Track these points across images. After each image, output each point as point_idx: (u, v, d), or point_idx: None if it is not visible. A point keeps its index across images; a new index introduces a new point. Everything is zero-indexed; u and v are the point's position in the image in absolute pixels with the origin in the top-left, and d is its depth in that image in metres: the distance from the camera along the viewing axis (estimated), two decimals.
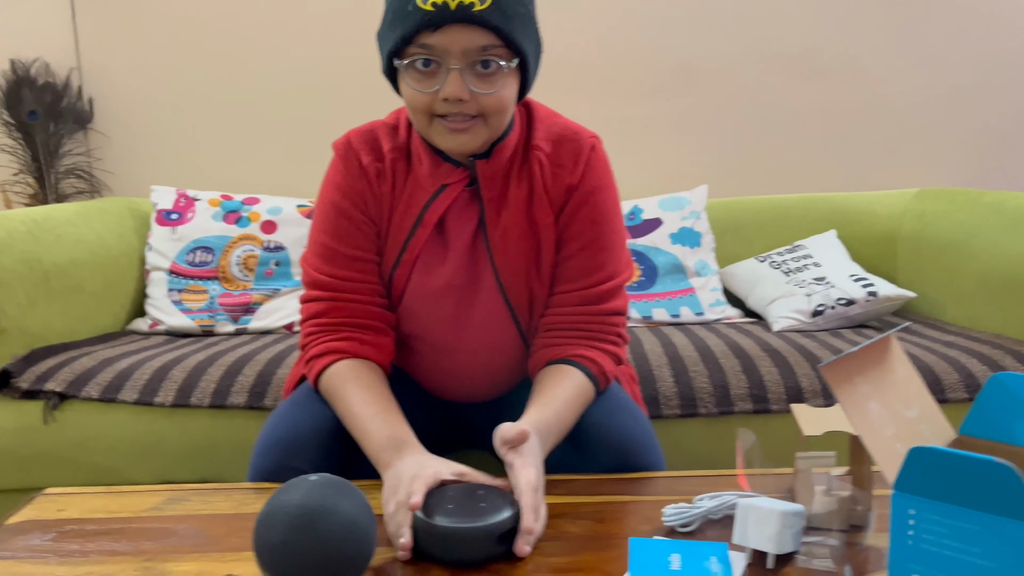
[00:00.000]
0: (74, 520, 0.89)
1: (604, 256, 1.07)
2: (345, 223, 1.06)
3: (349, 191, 1.06)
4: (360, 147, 1.07)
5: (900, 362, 0.80)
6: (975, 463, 0.60)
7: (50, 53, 2.40)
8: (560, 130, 1.07)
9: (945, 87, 2.40)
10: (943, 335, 1.67)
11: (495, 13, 0.91)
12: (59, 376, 1.49)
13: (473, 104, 0.94)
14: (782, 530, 0.74)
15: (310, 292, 1.08)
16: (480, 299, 1.08)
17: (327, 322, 1.06)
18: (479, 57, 0.93)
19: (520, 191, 1.05)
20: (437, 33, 0.91)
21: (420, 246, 1.06)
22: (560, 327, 1.07)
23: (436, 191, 1.04)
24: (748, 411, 1.42)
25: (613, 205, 1.09)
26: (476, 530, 0.76)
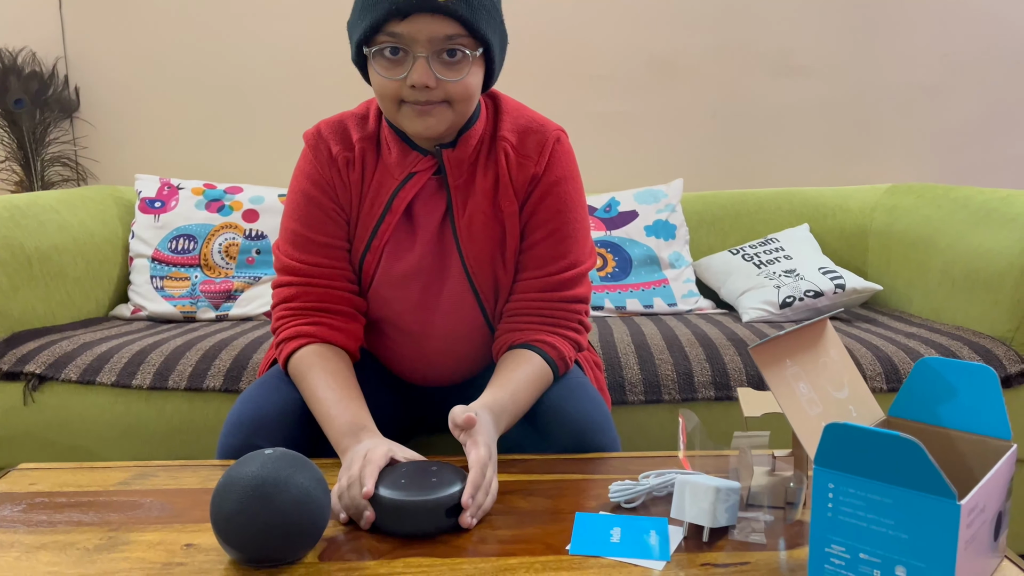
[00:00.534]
0: (44, 493, 0.92)
1: (567, 245, 1.10)
2: (315, 211, 1.10)
3: (319, 179, 1.10)
4: (330, 136, 1.10)
5: (834, 345, 0.84)
6: (884, 439, 0.63)
7: (37, 42, 2.42)
8: (526, 122, 1.11)
9: (916, 85, 2.44)
10: (906, 327, 1.71)
11: (460, 4, 0.94)
12: (39, 358, 1.52)
13: (439, 91, 0.98)
14: (716, 505, 0.78)
15: (281, 278, 1.12)
16: (447, 285, 1.12)
17: (297, 306, 1.09)
18: (445, 46, 0.96)
19: (486, 180, 1.09)
20: (404, 22, 0.94)
21: (389, 232, 1.09)
22: (523, 312, 1.11)
23: (404, 179, 1.08)
24: (711, 398, 1.46)
25: (577, 196, 1.12)
26: (425, 503, 0.80)
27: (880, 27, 2.42)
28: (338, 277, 1.11)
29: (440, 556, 0.76)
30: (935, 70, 2.44)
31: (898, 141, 2.47)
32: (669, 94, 2.45)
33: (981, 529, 0.66)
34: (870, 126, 2.47)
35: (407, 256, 1.11)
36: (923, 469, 0.62)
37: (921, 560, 0.63)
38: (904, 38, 2.42)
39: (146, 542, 0.80)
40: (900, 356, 1.49)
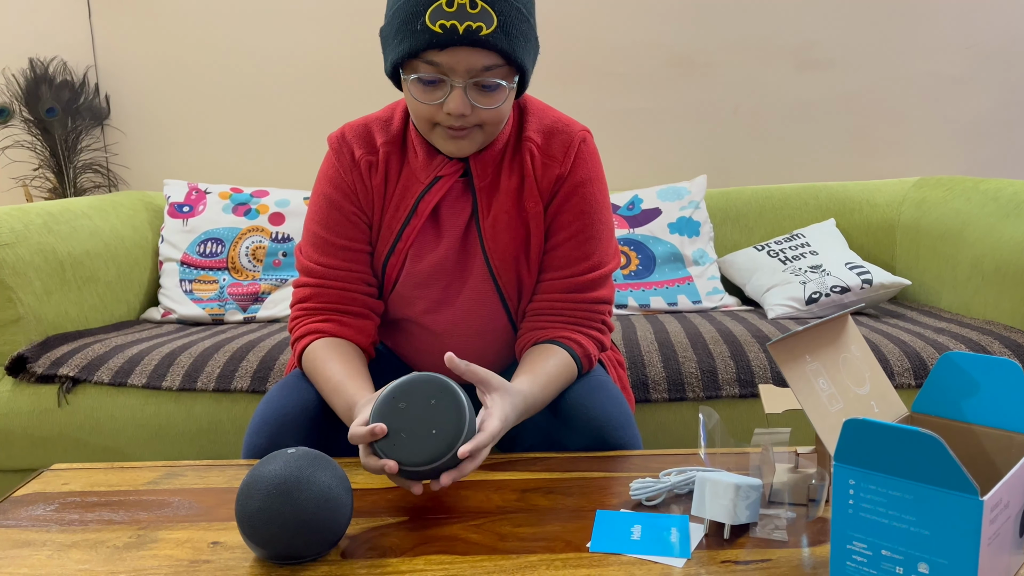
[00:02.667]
0: (76, 493, 0.95)
1: (591, 246, 1.11)
2: (336, 214, 1.11)
3: (340, 183, 1.11)
4: (353, 140, 1.11)
5: (855, 341, 0.83)
6: (905, 434, 0.63)
7: (68, 52, 2.48)
8: (551, 123, 1.11)
9: (942, 76, 2.41)
10: (936, 322, 1.69)
11: (500, 36, 0.94)
12: (72, 361, 1.55)
13: (474, 116, 0.99)
14: (737, 502, 0.78)
15: (300, 279, 1.14)
16: (470, 284, 1.13)
17: (311, 306, 1.11)
18: (482, 76, 0.97)
19: (511, 181, 1.09)
20: (443, 53, 0.95)
21: (414, 235, 1.10)
22: (546, 312, 1.12)
23: (430, 183, 1.09)
24: (735, 395, 1.45)
25: (602, 196, 1.12)
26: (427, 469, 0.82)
27: (904, 18, 2.38)
28: (354, 280, 1.12)
29: (461, 553, 0.77)
30: (961, 61, 2.40)
31: (924, 134, 2.44)
32: (691, 90, 2.44)
33: (1005, 526, 0.65)
34: (896, 119, 2.43)
35: (431, 256, 1.12)
36: (945, 465, 0.61)
37: (944, 557, 0.62)
38: (928, 29, 2.39)
39: (174, 540, 0.81)
40: (929, 351, 1.47)
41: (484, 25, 0.93)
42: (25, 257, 1.65)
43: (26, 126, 2.43)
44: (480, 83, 0.97)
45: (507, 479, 0.94)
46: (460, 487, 0.92)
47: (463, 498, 0.89)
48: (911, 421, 0.81)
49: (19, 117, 2.43)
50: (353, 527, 0.83)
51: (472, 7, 0.92)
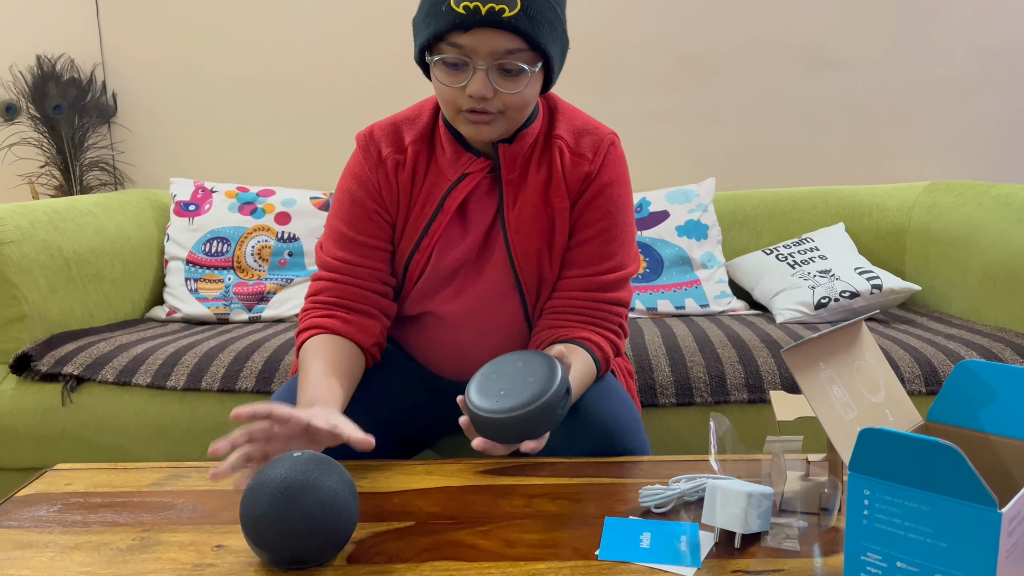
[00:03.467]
0: (79, 493, 0.94)
1: (614, 247, 1.11)
2: (357, 211, 1.11)
3: (365, 181, 1.12)
4: (381, 139, 1.12)
5: (869, 348, 0.82)
6: (922, 444, 0.62)
7: (75, 49, 2.47)
8: (581, 124, 1.13)
9: (954, 80, 2.39)
10: (946, 328, 1.68)
11: (523, 20, 0.95)
12: (77, 360, 1.54)
13: (496, 101, 1.00)
14: (748, 510, 0.76)
15: (318, 273, 1.14)
16: (491, 276, 1.13)
17: (322, 300, 1.11)
18: (505, 59, 0.97)
19: (539, 176, 1.10)
20: (467, 34, 0.96)
21: (440, 231, 1.11)
22: (564, 310, 1.11)
23: (457, 179, 1.09)
24: (743, 400, 1.44)
25: (626, 200, 1.13)
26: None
27: (915, 20, 2.37)
28: (369, 277, 1.11)
29: (468, 560, 0.76)
30: (973, 64, 2.38)
31: (936, 138, 2.42)
32: (700, 92, 2.42)
33: (1023, 539, 0.64)
34: (906, 122, 2.42)
35: (455, 250, 1.12)
36: (962, 476, 0.60)
37: (960, 570, 0.61)
38: (940, 31, 2.37)
39: (177, 543, 0.80)
40: (940, 358, 1.46)
41: (507, 7, 0.94)
42: (30, 254, 1.65)
43: (33, 123, 2.42)
44: (503, 66, 0.98)
45: (514, 484, 0.93)
46: (467, 492, 0.91)
47: (470, 504, 0.88)
48: (926, 430, 0.80)
49: (26, 114, 2.43)
50: (359, 532, 0.82)
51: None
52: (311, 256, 2.05)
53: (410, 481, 0.95)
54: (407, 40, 2.42)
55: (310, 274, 2.03)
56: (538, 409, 0.84)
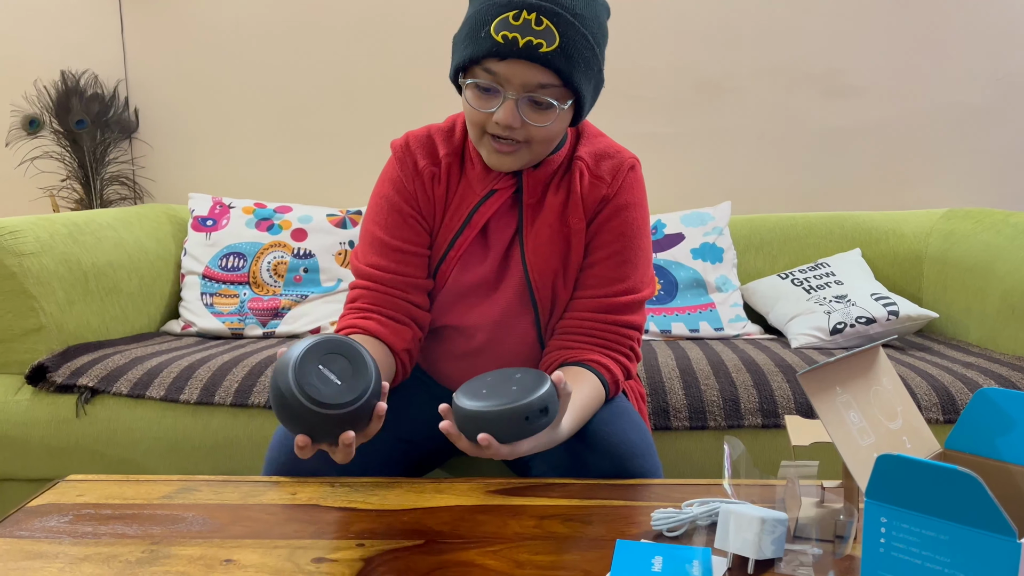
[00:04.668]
0: (91, 505, 0.94)
1: (627, 269, 1.11)
2: (395, 216, 1.12)
3: (402, 188, 1.12)
4: (417, 149, 1.13)
5: (886, 373, 0.81)
6: (940, 472, 0.61)
7: (99, 65, 2.51)
8: (604, 147, 1.13)
9: (972, 107, 2.38)
10: (964, 356, 1.66)
11: (559, 56, 0.95)
12: (92, 372, 1.55)
13: (523, 131, 1.00)
14: (762, 536, 0.75)
15: (354, 281, 1.15)
16: (508, 296, 1.13)
17: (357, 306, 1.12)
18: (536, 92, 0.98)
19: (557, 197, 1.11)
20: (502, 63, 0.96)
21: (466, 245, 1.12)
22: (576, 331, 1.11)
23: (485, 195, 1.10)
24: (757, 425, 1.42)
25: (643, 224, 1.13)
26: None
27: (933, 48, 2.36)
28: (403, 285, 1.11)
29: None
30: (991, 91, 2.37)
31: (953, 165, 2.41)
32: (716, 115, 2.43)
33: None
34: (924, 149, 2.41)
35: (477, 269, 1.13)
36: (982, 505, 0.59)
37: None
38: (958, 58, 2.37)
39: (187, 556, 0.80)
40: (957, 386, 1.44)
41: (545, 43, 0.94)
42: (49, 267, 1.66)
43: (56, 137, 2.46)
44: (533, 99, 0.98)
45: (525, 505, 0.93)
46: (477, 511, 0.91)
47: (480, 523, 0.88)
48: (944, 458, 0.79)
49: (49, 128, 2.47)
50: (368, 550, 0.81)
51: (538, 24, 0.94)
52: (327, 272, 2.06)
53: (420, 499, 0.94)
54: (425, 61, 2.44)
55: (325, 290, 2.04)
56: (504, 412, 0.84)
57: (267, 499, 0.95)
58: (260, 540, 0.84)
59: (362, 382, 0.82)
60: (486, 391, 0.88)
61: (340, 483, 1.00)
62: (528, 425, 0.85)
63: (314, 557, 0.80)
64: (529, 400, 0.85)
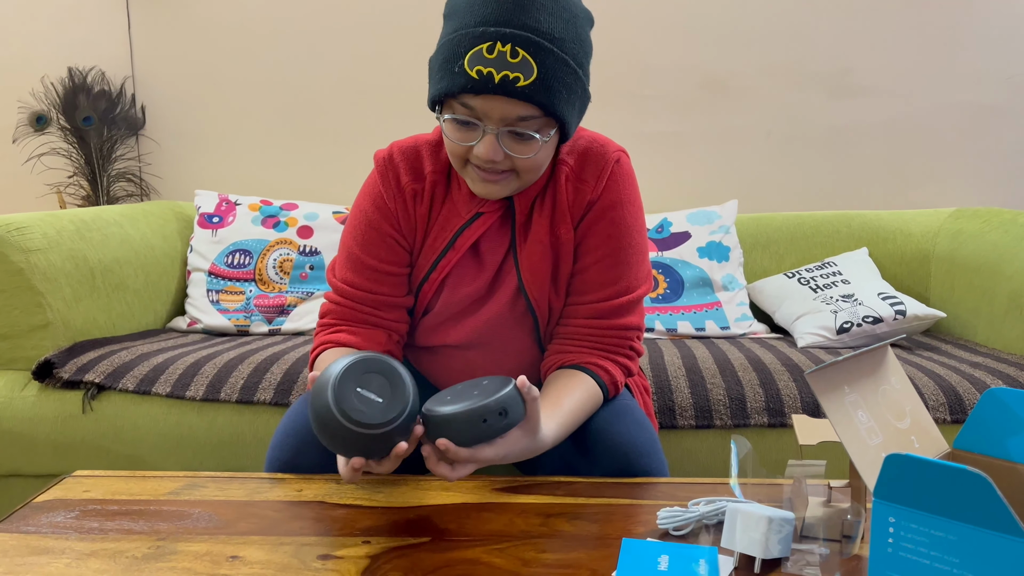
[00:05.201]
0: (97, 500, 0.94)
1: (619, 271, 1.08)
2: (372, 234, 1.09)
3: (382, 205, 1.09)
4: (401, 164, 1.09)
5: (895, 372, 0.80)
6: (949, 472, 0.60)
7: (106, 62, 2.51)
8: (587, 143, 1.08)
9: (980, 106, 2.37)
10: (971, 356, 1.65)
11: (538, 89, 0.91)
12: (98, 368, 1.55)
13: (506, 162, 0.97)
14: (769, 535, 0.75)
15: (327, 294, 1.14)
16: (504, 307, 1.11)
17: (326, 322, 1.12)
18: (517, 125, 0.94)
19: (544, 209, 1.08)
20: (479, 98, 0.92)
21: (449, 267, 1.09)
22: (573, 337, 1.10)
23: (471, 218, 1.07)
24: (764, 424, 1.42)
25: (633, 220, 1.09)
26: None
27: (942, 46, 2.35)
28: (377, 304, 1.10)
29: None
30: (1000, 91, 2.36)
31: (961, 164, 2.40)
32: (723, 114, 2.42)
33: None
34: (932, 148, 2.40)
35: (468, 286, 1.11)
36: (991, 505, 0.59)
37: None
38: (967, 58, 2.35)
39: (193, 553, 0.80)
40: (965, 386, 1.43)
41: (522, 76, 0.89)
42: (56, 263, 1.67)
43: (63, 134, 2.46)
44: (514, 131, 0.94)
45: (531, 503, 0.93)
46: (483, 509, 0.91)
47: (486, 520, 0.88)
48: (952, 458, 0.78)
49: (56, 125, 2.47)
50: (374, 547, 0.81)
51: (513, 56, 0.89)
52: None
53: (426, 497, 0.94)
54: None
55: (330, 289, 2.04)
56: (459, 414, 0.84)
57: (273, 496, 0.95)
58: (266, 537, 0.84)
59: (401, 397, 0.84)
60: (450, 397, 0.89)
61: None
62: (487, 427, 0.84)
63: (320, 554, 0.80)
64: (486, 402, 0.84)
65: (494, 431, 0.85)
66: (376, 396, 0.83)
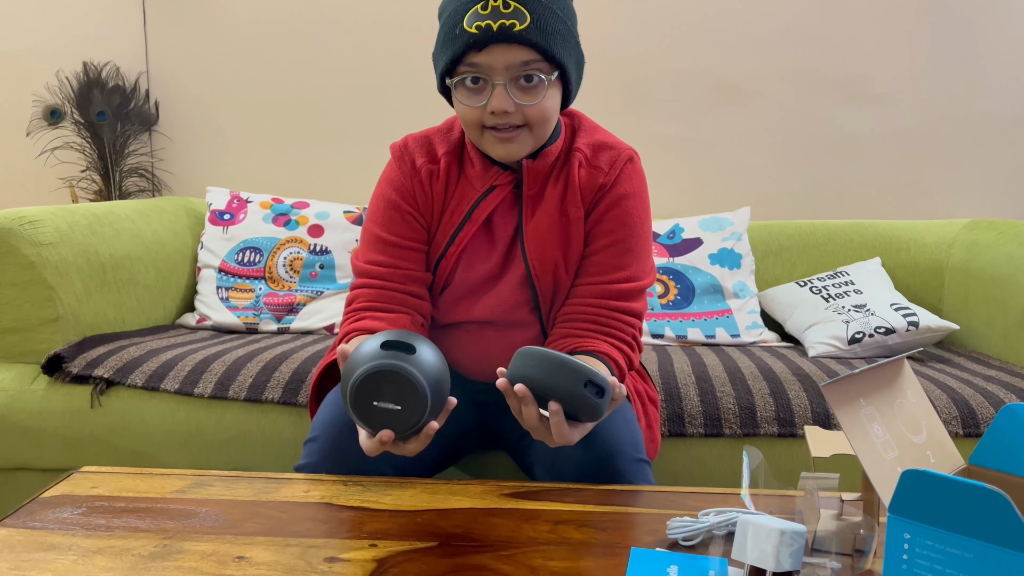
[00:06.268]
0: (104, 497, 0.94)
1: (628, 258, 1.13)
2: (393, 213, 1.14)
3: (400, 187, 1.15)
4: (415, 150, 1.16)
5: (911, 386, 0.79)
6: (967, 488, 0.59)
7: (121, 57, 2.52)
8: (601, 139, 1.15)
9: (997, 116, 2.35)
10: (985, 369, 1.63)
11: (535, 32, 0.99)
12: (107, 363, 1.55)
13: (518, 115, 1.03)
14: (780, 548, 0.74)
15: (353, 282, 1.16)
16: (509, 286, 1.15)
17: (353, 308, 1.13)
18: (522, 72, 1.02)
19: (556, 188, 1.13)
20: (482, 53, 1.00)
21: (467, 240, 1.13)
22: (578, 318, 1.12)
23: (485, 191, 1.12)
24: (773, 434, 1.41)
25: (643, 213, 1.15)
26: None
27: (959, 55, 2.33)
28: (401, 279, 1.13)
29: None
30: (1017, 101, 2.34)
31: (977, 174, 2.38)
32: (737, 119, 2.41)
33: None
34: (947, 158, 2.38)
35: (483, 264, 1.15)
36: (1009, 523, 0.58)
37: None
38: (983, 67, 2.33)
39: (199, 552, 0.80)
40: (978, 400, 1.42)
41: (517, 22, 0.98)
42: (68, 257, 1.67)
43: (76, 128, 2.47)
44: (520, 77, 1.01)
45: (539, 509, 0.92)
46: (491, 514, 0.90)
47: (494, 526, 0.87)
48: (968, 474, 0.77)
49: (70, 119, 2.48)
50: (381, 550, 0.81)
51: (505, 7, 0.98)
52: (343, 269, 2.05)
53: (434, 501, 0.94)
54: None
55: (340, 287, 2.04)
56: (566, 361, 0.87)
57: (280, 496, 0.95)
58: (273, 538, 0.83)
59: (418, 396, 0.85)
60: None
61: (353, 482, 0.99)
62: (586, 393, 0.86)
63: (327, 556, 0.79)
64: (587, 369, 0.86)
65: (588, 400, 0.87)
66: (393, 404, 0.84)
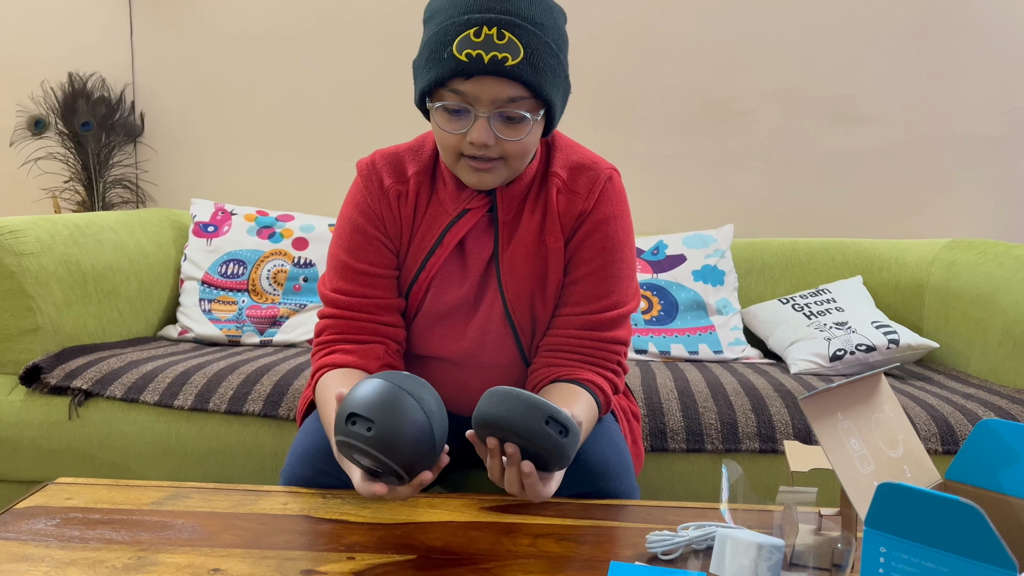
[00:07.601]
0: (79, 508, 0.93)
1: (611, 284, 1.09)
2: (359, 238, 1.10)
3: (367, 209, 1.10)
4: (383, 168, 1.11)
5: (888, 401, 0.80)
6: (942, 502, 0.60)
7: (107, 68, 2.51)
8: (579, 159, 1.10)
9: (978, 138, 2.38)
10: (964, 387, 1.65)
11: (526, 68, 0.94)
12: (87, 374, 1.54)
13: (497, 148, 0.99)
14: (758, 562, 0.74)
15: (321, 310, 1.13)
16: (485, 317, 1.11)
17: (324, 339, 1.10)
18: (507, 107, 0.96)
19: (534, 216, 1.08)
20: (469, 82, 0.94)
21: (438, 266, 1.09)
22: (561, 348, 1.10)
23: (457, 215, 1.08)
24: (755, 450, 1.41)
25: (625, 236, 1.11)
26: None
27: (942, 77, 2.37)
28: (370, 308, 1.10)
29: None
30: (998, 123, 2.37)
31: (958, 195, 2.41)
32: (722, 137, 2.43)
33: None
34: (929, 178, 2.41)
35: (455, 290, 1.11)
36: (983, 537, 0.58)
37: None
38: (967, 89, 2.37)
39: (174, 564, 0.79)
40: (957, 417, 1.43)
41: (510, 56, 0.93)
42: (48, 267, 1.66)
43: (60, 139, 2.46)
44: (505, 114, 0.96)
45: (519, 523, 0.92)
46: (471, 528, 0.90)
47: (473, 540, 0.87)
48: (945, 488, 0.78)
49: (54, 129, 2.47)
50: (359, 563, 0.80)
51: (499, 38, 0.92)
52: None
53: (413, 514, 0.93)
54: None
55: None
56: (523, 401, 0.84)
57: (258, 508, 0.94)
58: (249, 550, 0.82)
59: (406, 449, 0.81)
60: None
61: (332, 495, 0.99)
62: (547, 431, 0.83)
63: (303, 569, 0.79)
64: (550, 406, 0.84)
65: (552, 438, 0.83)
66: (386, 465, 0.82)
